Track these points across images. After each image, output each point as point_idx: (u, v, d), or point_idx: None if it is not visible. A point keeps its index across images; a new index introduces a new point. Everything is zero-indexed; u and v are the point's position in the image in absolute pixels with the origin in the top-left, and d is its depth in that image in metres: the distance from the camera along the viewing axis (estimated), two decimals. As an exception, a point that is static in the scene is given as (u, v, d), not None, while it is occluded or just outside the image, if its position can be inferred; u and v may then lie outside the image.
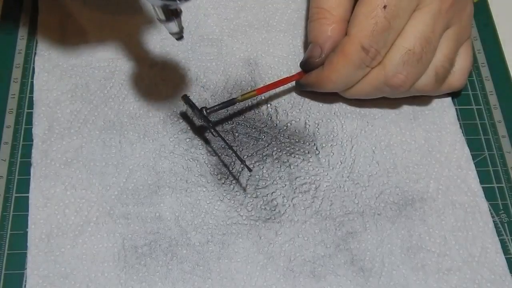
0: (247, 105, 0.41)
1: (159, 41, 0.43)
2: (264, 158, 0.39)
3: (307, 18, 0.41)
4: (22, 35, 0.43)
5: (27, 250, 0.35)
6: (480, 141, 0.42)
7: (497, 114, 0.43)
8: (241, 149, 0.39)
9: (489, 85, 0.44)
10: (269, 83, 0.40)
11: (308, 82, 0.40)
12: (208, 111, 0.37)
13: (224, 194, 0.38)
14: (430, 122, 0.42)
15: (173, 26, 0.33)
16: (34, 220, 0.36)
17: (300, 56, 0.43)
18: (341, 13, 0.39)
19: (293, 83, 0.41)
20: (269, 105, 0.41)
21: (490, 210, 0.39)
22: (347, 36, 0.38)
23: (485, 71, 0.45)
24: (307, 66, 0.40)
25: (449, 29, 0.39)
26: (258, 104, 0.41)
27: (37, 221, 0.36)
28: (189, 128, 0.40)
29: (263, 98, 0.42)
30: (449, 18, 0.38)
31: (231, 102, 0.38)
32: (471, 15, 0.41)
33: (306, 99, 0.42)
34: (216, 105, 0.38)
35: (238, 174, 0.38)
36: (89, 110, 0.40)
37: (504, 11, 0.48)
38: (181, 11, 0.32)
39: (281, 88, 0.42)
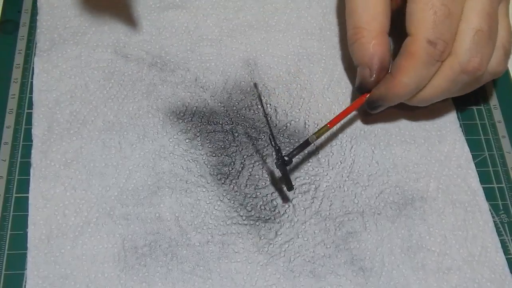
0: (246, 105, 0.41)
1: (158, 41, 0.43)
2: (264, 158, 0.39)
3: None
4: (22, 35, 0.43)
5: (27, 250, 0.35)
6: (480, 141, 0.42)
7: (497, 114, 0.43)
8: (241, 149, 0.39)
9: (489, 85, 0.44)
10: (339, 112, 0.38)
11: (378, 96, 0.38)
12: (288, 157, 0.36)
13: (224, 194, 0.38)
14: (430, 122, 0.42)
15: None
16: (33, 221, 0.36)
17: (299, 55, 0.43)
18: (377, 26, 0.38)
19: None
20: (268, 105, 0.41)
21: (490, 210, 0.39)
22: (409, 36, 0.37)
23: (485, 71, 0.45)
24: (362, 89, 0.39)
25: (501, 4, 0.38)
26: (257, 104, 0.41)
27: (37, 222, 0.36)
28: (188, 128, 0.40)
29: (262, 98, 0.41)
30: None
31: (307, 143, 0.37)
32: None
33: (305, 99, 0.42)
34: (294, 150, 0.37)
35: (238, 174, 0.38)
36: (88, 110, 0.40)
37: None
38: None
39: (281, 88, 0.42)
